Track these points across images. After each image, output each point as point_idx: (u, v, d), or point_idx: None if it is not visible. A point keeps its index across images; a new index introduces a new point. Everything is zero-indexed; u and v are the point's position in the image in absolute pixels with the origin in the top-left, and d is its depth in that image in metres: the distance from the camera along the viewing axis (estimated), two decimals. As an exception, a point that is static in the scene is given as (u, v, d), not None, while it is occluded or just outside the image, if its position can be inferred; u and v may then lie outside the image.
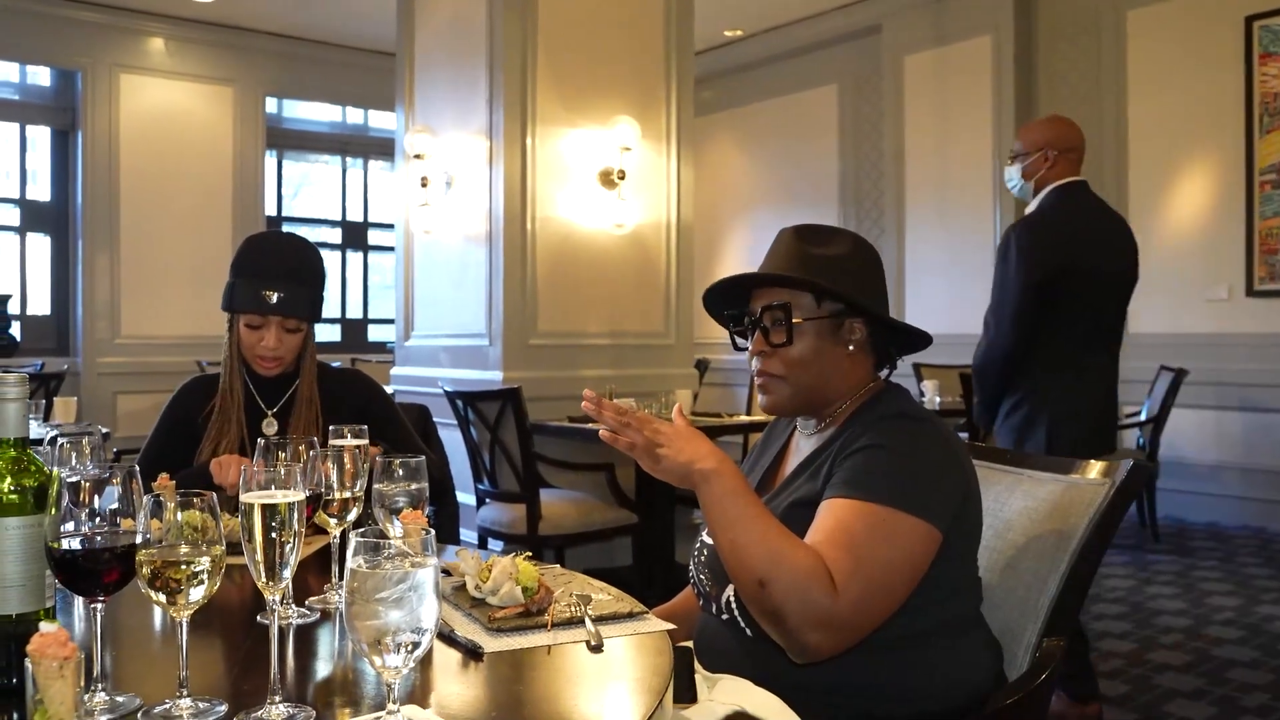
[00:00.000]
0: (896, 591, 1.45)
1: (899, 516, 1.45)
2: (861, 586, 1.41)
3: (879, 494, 1.47)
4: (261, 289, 2.25)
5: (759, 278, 1.70)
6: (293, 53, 9.50)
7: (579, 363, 5.49)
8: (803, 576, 1.39)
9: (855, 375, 1.68)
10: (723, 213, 9.76)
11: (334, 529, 1.60)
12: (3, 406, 1.23)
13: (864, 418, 1.62)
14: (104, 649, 1.37)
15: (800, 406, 1.70)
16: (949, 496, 1.51)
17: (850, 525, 1.45)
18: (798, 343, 1.64)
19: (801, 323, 1.64)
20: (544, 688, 1.29)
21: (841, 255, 1.68)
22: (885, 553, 1.44)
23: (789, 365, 1.65)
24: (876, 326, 1.68)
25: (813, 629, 1.39)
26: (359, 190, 10.66)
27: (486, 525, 4.83)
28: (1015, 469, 1.80)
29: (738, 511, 1.47)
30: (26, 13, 8.34)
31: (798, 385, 1.66)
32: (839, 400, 1.68)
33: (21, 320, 8.91)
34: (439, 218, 5.81)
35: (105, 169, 8.70)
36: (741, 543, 1.44)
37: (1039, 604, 1.61)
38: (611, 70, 5.55)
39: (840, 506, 1.48)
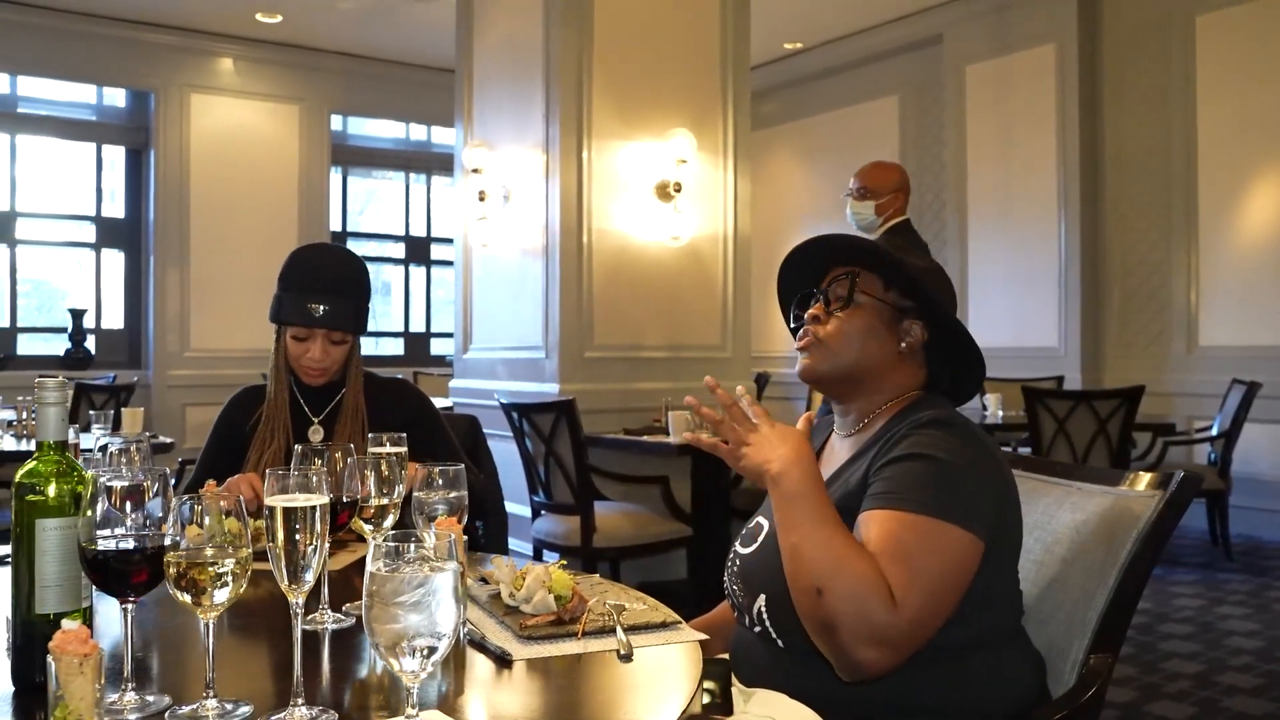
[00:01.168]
0: (949, 605, 1.41)
1: (944, 527, 1.42)
2: (919, 600, 1.36)
3: (923, 504, 1.43)
4: (307, 301, 2.27)
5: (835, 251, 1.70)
6: (357, 71, 9.67)
7: (635, 375, 5.49)
8: (862, 586, 1.35)
9: (901, 378, 1.65)
10: (782, 226, 9.70)
11: (370, 535, 1.61)
12: (43, 411, 1.26)
13: (901, 423, 1.58)
14: (136, 649, 1.40)
15: (834, 382, 1.67)
16: (989, 504, 1.47)
17: (900, 536, 1.41)
18: (853, 314, 1.63)
19: (864, 296, 1.63)
20: (571, 696, 1.28)
21: (919, 266, 1.68)
22: (937, 565, 1.40)
23: (837, 333, 1.63)
24: (936, 343, 1.65)
25: (868, 644, 1.35)
26: (422, 205, 10.80)
27: (541, 537, 4.83)
28: (1064, 481, 1.75)
29: (803, 515, 1.43)
30: (103, 37, 8.59)
31: (838, 358, 1.63)
32: (878, 398, 1.66)
33: (96, 334, 9.15)
34: (496, 231, 5.85)
35: (176, 186, 8.91)
36: (803, 547, 1.41)
37: (1086, 619, 1.56)
38: (667, 83, 5.55)
39: (885, 518, 1.44)
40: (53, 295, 9.23)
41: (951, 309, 1.69)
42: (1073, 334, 7.36)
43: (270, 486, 1.17)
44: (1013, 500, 1.53)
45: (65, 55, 8.51)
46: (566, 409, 4.52)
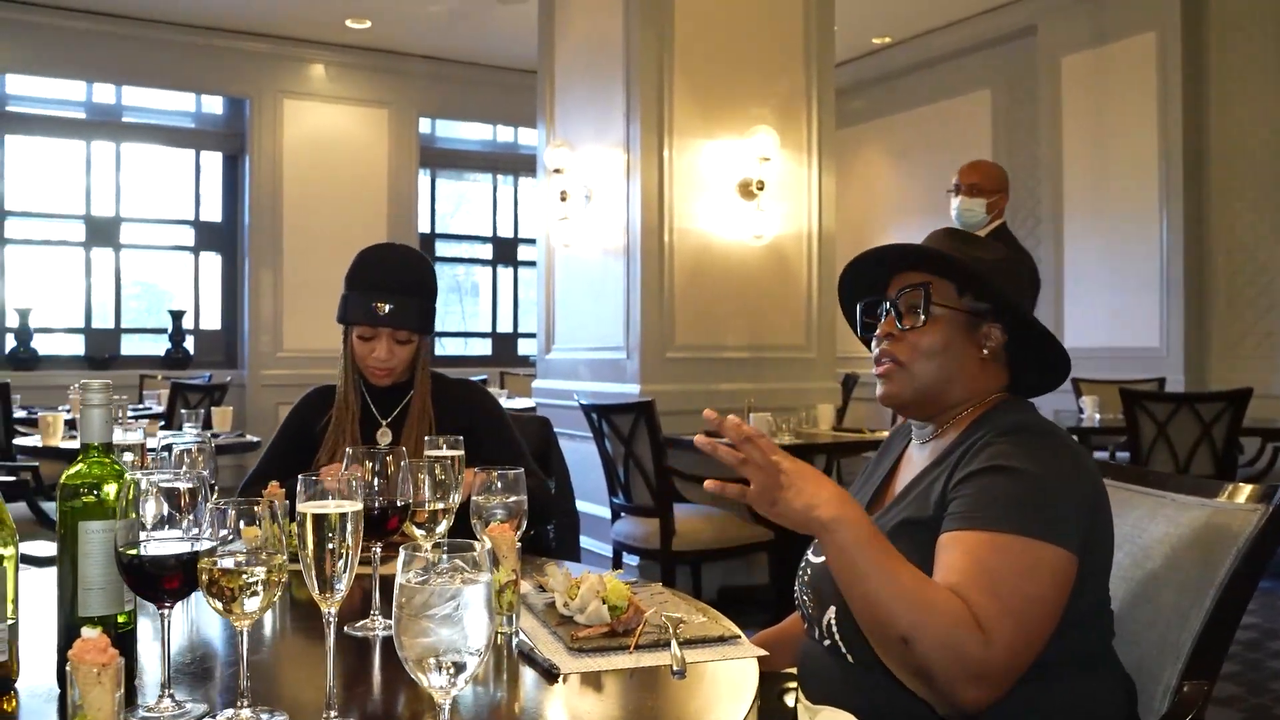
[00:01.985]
0: (1046, 629, 1.31)
1: (1035, 545, 1.32)
2: (1013, 628, 1.27)
3: (1009, 522, 1.33)
4: (372, 301, 2.25)
5: (901, 259, 1.60)
6: (444, 74, 9.77)
7: (717, 376, 5.42)
8: (950, 627, 1.25)
9: (981, 384, 1.56)
10: (870, 225, 9.53)
11: (423, 541, 1.57)
12: (87, 412, 1.25)
13: (981, 430, 1.49)
14: (193, 653, 1.38)
15: (918, 402, 1.58)
16: (1079, 517, 1.37)
17: (986, 561, 1.32)
18: (930, 329, 1.53)
19: (939, 308, 1.53)
20: (618, 713, 1.22)
21: (994, 259, 1.57)
22: (1030, 587, 1.30)
23: (915, 353, 1.54)
24: (1017, 340, 1.56)
25: (968, 684, 1.26)
26: (509, 206, 10.88)
27: (621, 539, 4.80)
28: (1157, 491, 1.64)
29: (869, 563, 1.30)
30: (201, 47, 8.83)
31: (920, 378, 1.54)
32: (959, 407, 1.56)
33: (195, 334, 9.41)
34: (578, 231, 5.84)
35: (270, 190, 9.12)
36: (877, 597, 1.29)
37: (1180, 642, 1.45)
38: (749, 80, 5.47)
39: (969, 540, 1.35)
40: (160, 297, 9.52)
41: (1031, 300, 1.59)
42: (1175, 334, 7.06)
43: (301, 492, 1.14)
44: (1104, 511, 1.43)
45: (166, 65, 8.76)
46: (646, 410, 4.48)
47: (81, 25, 8.38)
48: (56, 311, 8.94)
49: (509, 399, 8.48)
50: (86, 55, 8.50)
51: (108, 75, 8.77)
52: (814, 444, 4.96)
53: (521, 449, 2.46)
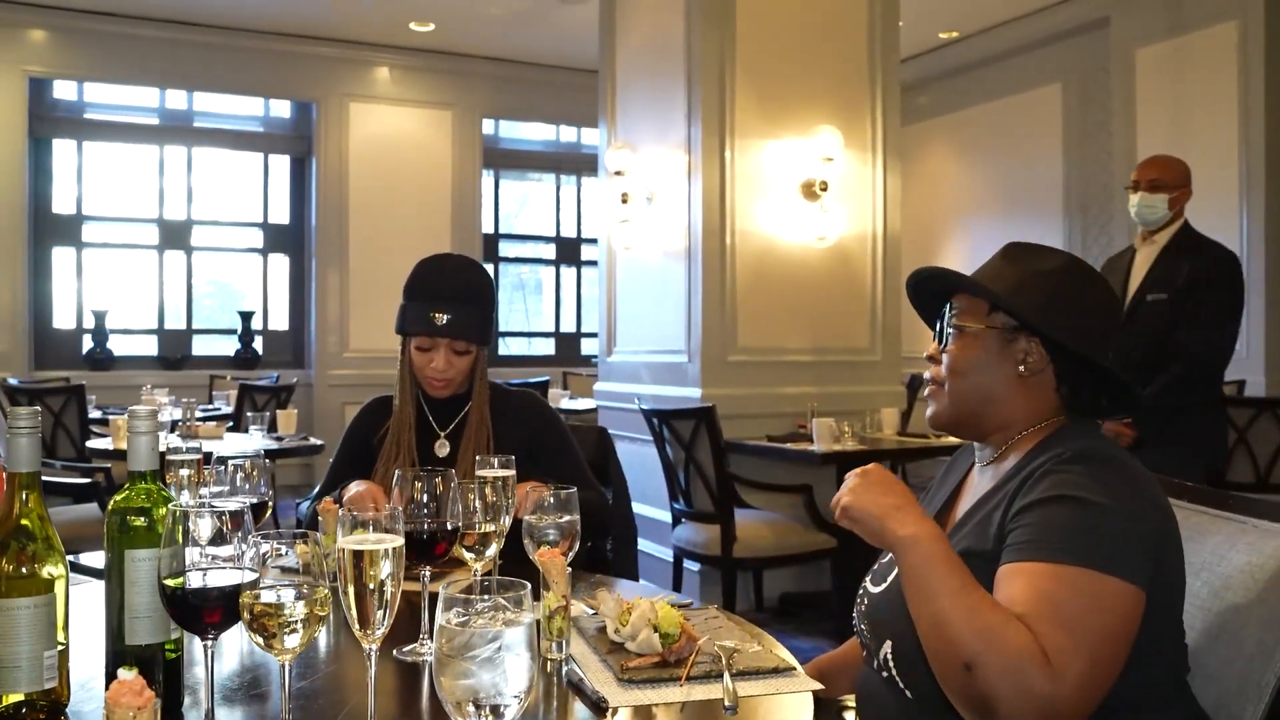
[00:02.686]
0: (1115, 666, 1.25)
1: (1101, 579, 1.26)
2: (1084, 664, 1.21)
3: (1073, 554, 1.27)
4: (430, 311, 2.23)
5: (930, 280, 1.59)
6: (507, 75, 9.81)
7: (780, 380, 5.36)
8: (1018, 658, 1.19)
9: (1031, 403, 1.49)
10: (937, 224, 9.36)
11: (472, 564, 1.55)
12: (135, 440, 1.24)
13: (1042, 456, 1.42)
14: (244, 678, 1.37)
15: (959, 422, 1.54)
16: (1147, 550, 1.30)
17: (1052, 593, 1.25)
18: (959, 347, 1.51)
19: (964, 327, 1.51)
20: (668, 752, 1.18)
21: (1040, 271, 1.50)
22: (1099, 622, 1.24)
23: (950, 371, 1.52)
24: (1065, 357, 1.49)
25: (1030, 718, 1.20)
26: (572, 206, 10.90)
27: (681, 545, 4.76)
28: (1238, 516, 1.55)
29: (940, 582, 1.26)
30: (270, 52, 8.96)
31: (953, 396, 1.52)
32: (1012, 427, 1.50)
33: (263, 335, 9.56)
34: (639, 233, 5.81)
35: (336, 192, 9.23)
36: (946, 619, 1.24)
37: (1263, 682, 1.36)
38: (812, 79, 5.39)
39: (1032, 572, 1.28)
40: (233, 296, 9.70)
41: (1086, 327, 1.49)
42: (1256, 335, 6.82)
43: (344, 519, 1.11)
44: (1174, 542, 1.36)
45: (235, 71, 8.91)
46: (707, 416, 4.43)
47: (155, 34, 8.55)
48: (131, 313, 9.15)
49: (571, 399, 8.49)
50: (160, 63, 8.67)
51: (180, 82, 8.94)
52: (878, 449, 4.87)
53: (580, 461, 2.44)
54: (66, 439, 5.97)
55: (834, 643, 4.18)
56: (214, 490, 1.82)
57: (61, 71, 8.54)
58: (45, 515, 1.25)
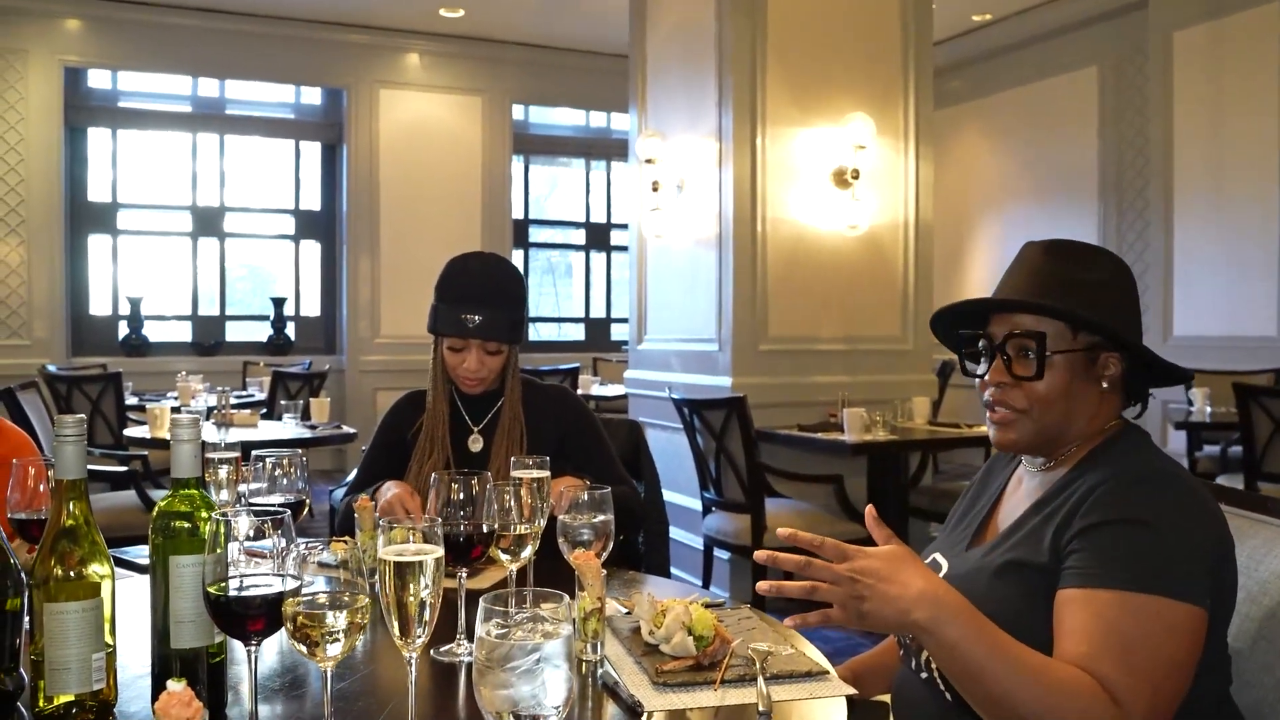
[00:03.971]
0: (1181, 691, 1.25)
1: (1169, 606, 1.25)
2: (1149, 697, 1.21)
3: (1139, 582, 1.26)
4: (461, 312, 2.25)
5: (1006, 304, 1.49)
6: (537, 60, 9.80)
7: (811, 369, 5.34)
8: (1085, 709, 1.18)
9: (1102, 414, 1.48)
10: (969, 210, 9.28)
11: (508, 565, 1.57)
12: (178, 448, 1.26)
13: (1098, 468, 1.40)
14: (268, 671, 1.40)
15: (1039, 446, 1.50)
16: (1207, 567, 1.29)
17: (1118, 624, 1.24)
18: (1048, 377, 1.44)
19: (1054, 355, 1.44)
20: (704, 758, 1.19)
21: (1102, 280, 1.47)
22: (1166, 651, 1.23)
23: (1035, 401, 1.45)
24: (1134, 361, 1.48)
25: None
26: (602, 191, 10.89)
27: (712, 534, 4.77)
28: (1275, 520, 1.54)
29: (984, 656, 1.21)
30: (300, 39, 9.00)
31: (1041, 424, 1.46)
32: (1079, 439, 1.49)
33: (295, 321, 9.64)
34: (670, 222, 5.80)
35: (367, 178, 9.27)
36: (999, 693, 1.21)
37: (1302, 688, 1.36)
38: (844, 66, 5.35)
39: (1097, 602, 1.27)
40: (265, 281, 9.79)
41: (1139, 323, 1.50)
42: (1292, 325, 6.74)
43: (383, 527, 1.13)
44: (1229, 557, 1.35)
45: (266, 59, 8.96)
46: (737, 406, 4.44)
47: (188, 22, 8.61)
48: (166, 299, 9.24)
49: (601, 385, 8.51)
50: (192, 51, 8.73)
51: (212, 70, 9.00)
52: (909, 439, 4.86)
53: (612, 456, 2.45)
54: (104, 426, 6.06)
55: (864, 634, 4.18)
56: (252, 487, 1.85)
57: (96, 61, 8.61)
58: (92, 520, 1.28)
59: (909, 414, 5.22)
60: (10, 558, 1.30)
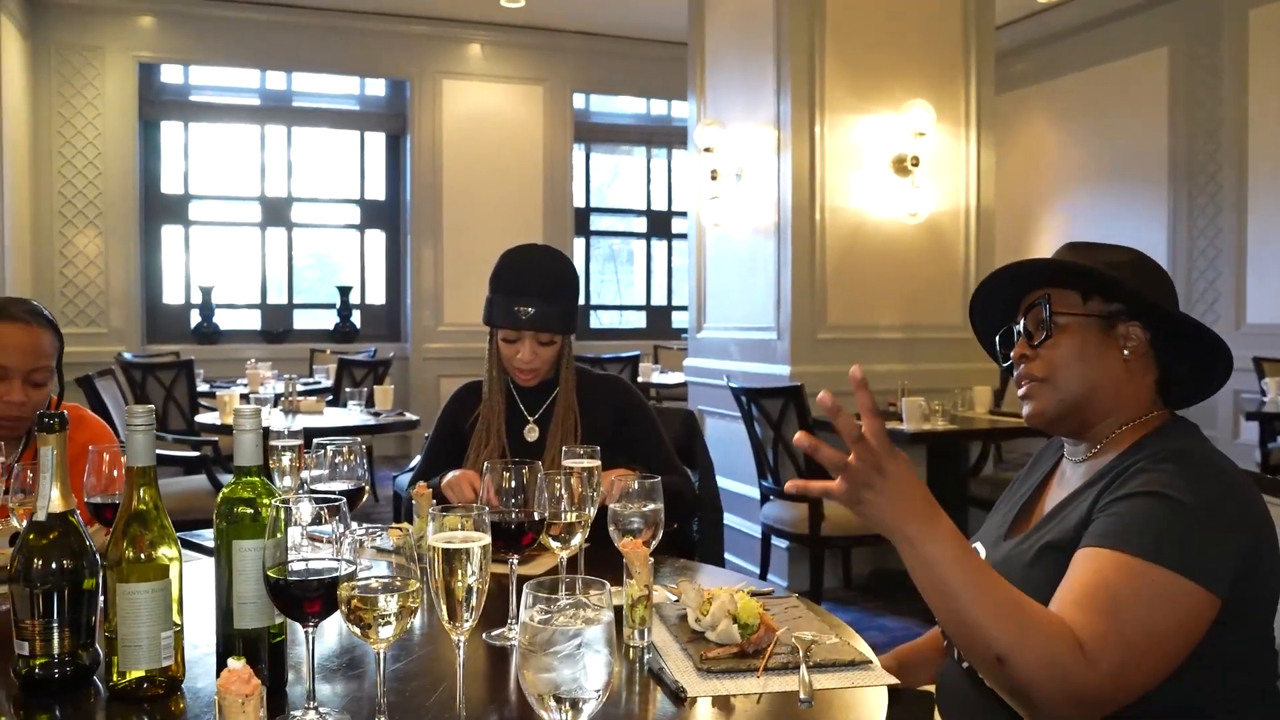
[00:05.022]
0: (1160, 663, 1.25)
1: (1170, 577, 1.25)
2: (1119, 654, 1.22)
3: (1149, 549, 1.26)
4: (515, 304, 2.30)
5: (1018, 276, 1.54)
6: (597, 49, 9.84)
7: (869, 357, 5.32)
8: (1049, 647, 1.21)
9: (1132, 392, 1.48)
10: (1033, 196, 9.13)
11: (558, 551, 1.60)
12: (240, 437, 1.32)
13: (1142, 452, 1.41)
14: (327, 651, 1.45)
15: (1066, 417, 1.50)
16: (1233, 557, 1.28)
17: (1110, 582, 1.26)
18: (1061, 339, 1.47)
19: (1065, 317, 1.47)
20: (744, 742, 1.22)
21: (1118, 260, 1.50)
22: (1152, 619, 1.24)
23: (1051, 366, 1.48)
24: (1162, 336, 1.47)
25: (1064, 706, 1.22)
26: (663, 179, 10.91)
27: (770, 523, 4.78)
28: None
29: (958, 579, 1.25)
30: (364, 31, 9.14)
31: (1063, 390, 1.47)
32: (1112, 420, 1.48)
33: (361, 309, 9.81)
34: (728, 210, 5.80)
35: (430, 168, 9.40)
36: (970, 618, 1.24)
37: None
38: (904, 52, 5.31)
39: (1100, 559, 1.29)
40: (333, 270, 9.97)
41: (1166, 297, 1.49)
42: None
43: (433, 514, 1.17)
44: (1268, 550, 1.33)
45: (332, 51, 9.12)
46: (795, 395, 4.44)
47: (255, 16, 8.79)
48: (236, 288, 9.46)
49: (662, 373, 8.55)
50: (260, 45, 8.92)
51: (279, 63, 9.18)
52: (970, 429, 4.83)
53: (666, 446, 2.48)
54: (177, 412, 6.23)
55: (923, 623, 4.17)
56: (314, 474, 1.91)
57: (169, 56, 8.83)
58: (160, 504, 1.34)
59: (969, 403, 5.18)
60: (87, 540, 1.37)
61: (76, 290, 8.43)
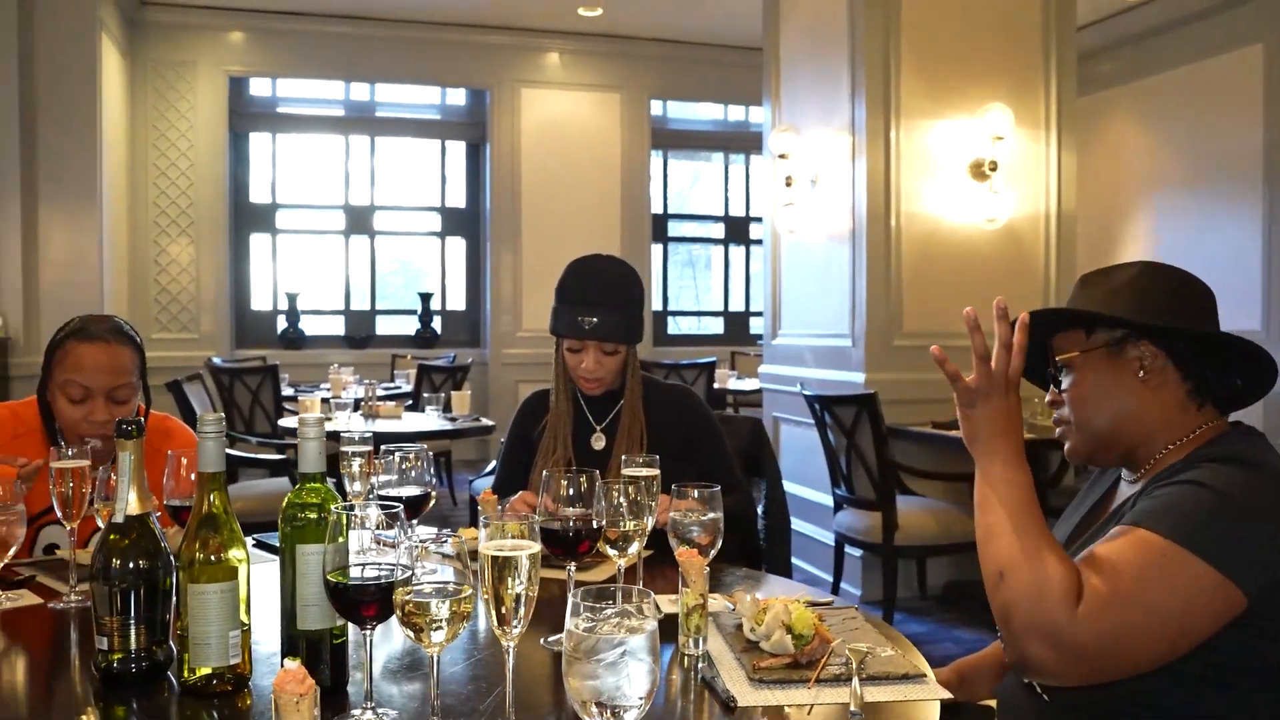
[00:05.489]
0: (1154, 642, 1.25)
1: (1188, 559, 1.25)
2: (1111, 619, 1.24)
3: (1175, 531, 1.27)
4: (579, 315, 2.33)
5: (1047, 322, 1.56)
6: (674, 56, 9.87)
7: (946, 364, 5.24)
8: (1044, 580, 1.28)
9: (1160, 410, 1.46)
10: (1119, 199, 8.90)
11: (615, 559, 1.62)
12: (304, 445, 1.36)
13: (1194, 461, 1.39)
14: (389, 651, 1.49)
15: (1099, 451, 1.53)
16: (1267, 557, 1.26)
17: (1124, 552, 1.28)
18: (1077, 377, 1.50)
19: (1074, 356, 1.50)
20: (792, 753, 1.23)
21: (1120, 283, 1.51)
22: (1155, 594, 1.24)
23: (1076, 404, 1.52)
24: (1179, 349, 1.45)
25: (1035, 639, 1.27)
26: (741, 185, 10.90)
27: (843, 531, 4.75)
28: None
29: (1009, 499, 1.37)
30: (445, 42, 9.30)
31: (1091, 425, 1.51)
32: (1156, 442, 1.48)
33: (441, 315, 9.97)
34: (803, 216, 5.78)
35: (509, 176, 9.52)
36: (997, 530, 1.36)
37: None
38: (982, 56, 5.23)
39: (1125, 533, 1.31)
40: (415, 277, 10.16)
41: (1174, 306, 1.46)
42: None
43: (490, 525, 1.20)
44: None
45: (414, 62, 9.30)
46: (868, 403, 4.41)
47: (340, 29, 9.00)
48: (320, 295, 9.69)
49: (739, 379, 8.53)
50: (344, 57, 9.13)
51: (363, 74, 9.39)
52: (1050, 438, 4.72)
53: (729, 460, 2.49)
54: (262, 415, 6.41)
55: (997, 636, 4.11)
56: (382, 479, 1.95)
57: (257, 70, 9.09)
58: (229, 509, 1.39)
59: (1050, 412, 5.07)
60: (162, 542, 1.43)
61: (170, 297, 8.71)
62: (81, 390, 2.17)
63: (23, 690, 1.48)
